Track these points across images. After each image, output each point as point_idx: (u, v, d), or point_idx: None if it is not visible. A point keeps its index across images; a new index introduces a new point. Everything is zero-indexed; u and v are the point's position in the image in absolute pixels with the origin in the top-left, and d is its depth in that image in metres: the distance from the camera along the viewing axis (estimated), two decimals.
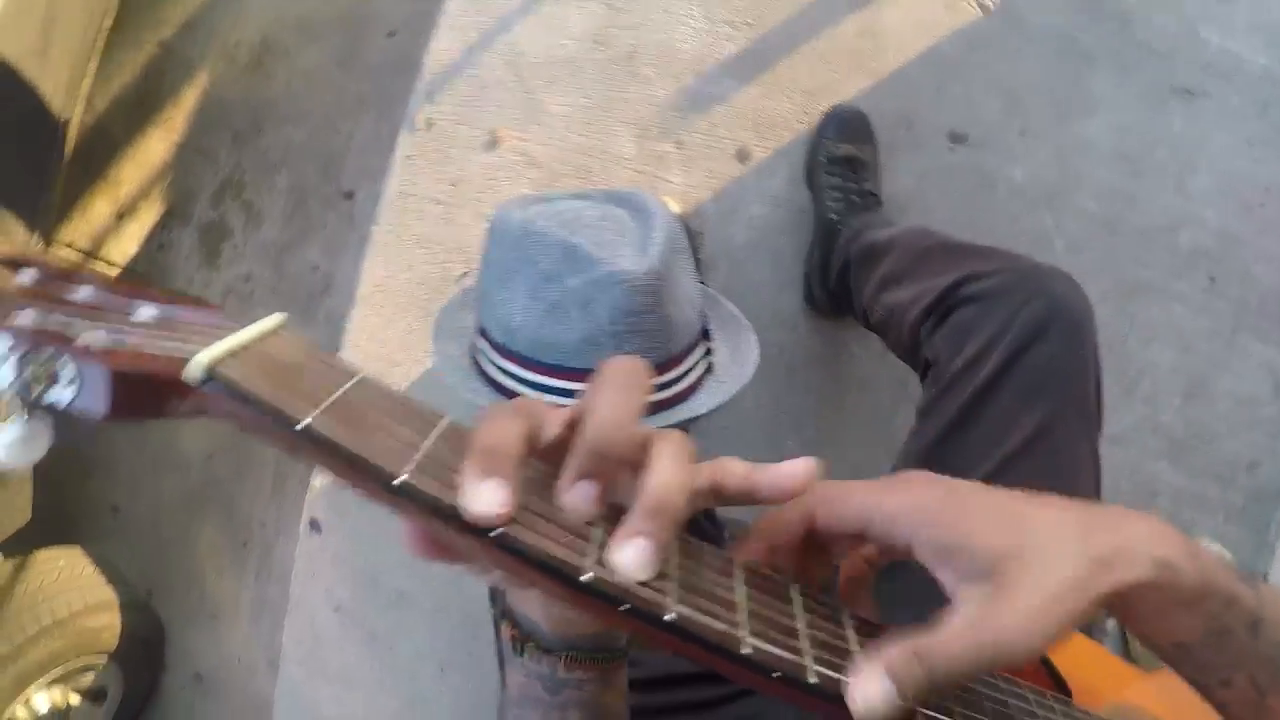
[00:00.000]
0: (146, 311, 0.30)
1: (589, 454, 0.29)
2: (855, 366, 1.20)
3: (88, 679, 1.39)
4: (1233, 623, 0.34)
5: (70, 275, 0.32)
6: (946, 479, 0.35)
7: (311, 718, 1.30)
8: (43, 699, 1.34)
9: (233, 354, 0.28)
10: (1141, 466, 1.25)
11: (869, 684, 0.30)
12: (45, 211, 1.31)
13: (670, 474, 0.30)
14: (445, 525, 0.28)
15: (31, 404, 0.26)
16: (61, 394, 0.26)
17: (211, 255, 1.42)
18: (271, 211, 1.41)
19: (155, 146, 1.47)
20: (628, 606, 0.28)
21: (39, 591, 1.33)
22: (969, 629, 0.31)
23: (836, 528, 0.35)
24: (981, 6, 1.24)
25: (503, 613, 0.40)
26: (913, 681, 0.30)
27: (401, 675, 1.28)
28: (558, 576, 0.28)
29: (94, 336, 0.27)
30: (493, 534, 0.27)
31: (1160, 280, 1.25)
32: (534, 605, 0.38)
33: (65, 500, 1.45)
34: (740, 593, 0.31)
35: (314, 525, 1.26)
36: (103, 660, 1.38)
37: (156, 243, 1.44)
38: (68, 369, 0.26)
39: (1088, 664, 0.58)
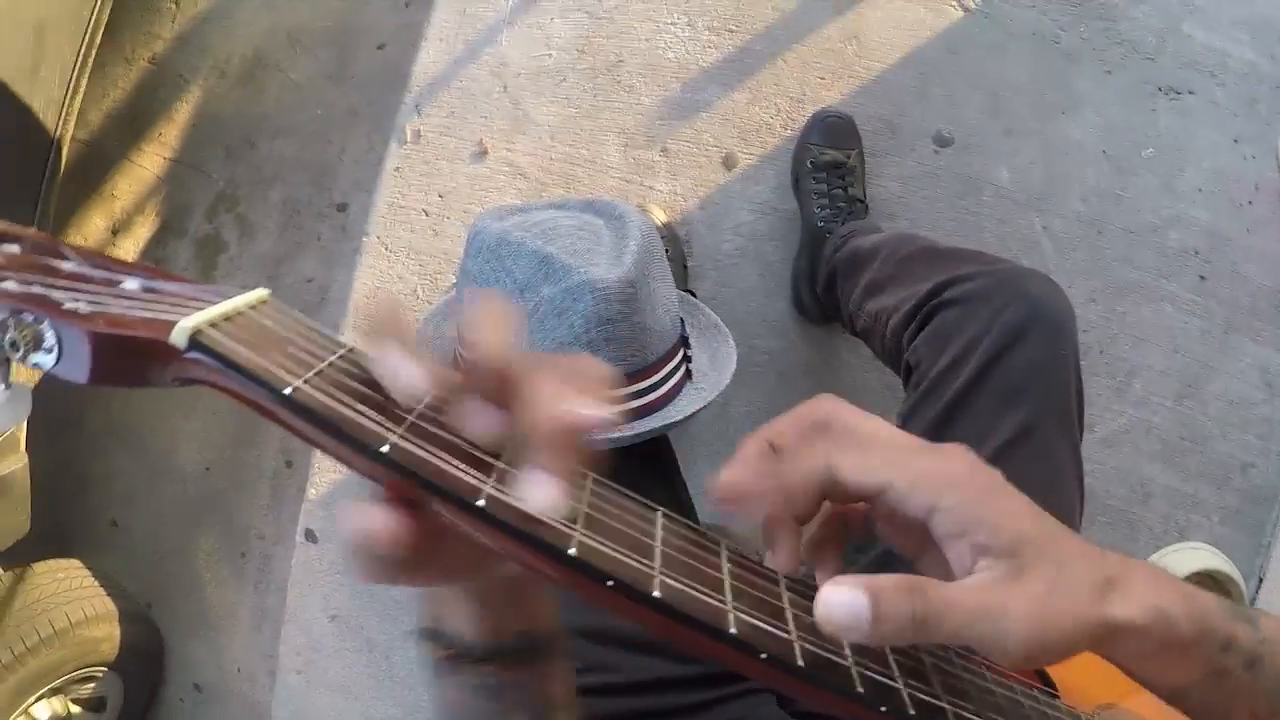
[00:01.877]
0: (132, 283, 0.30)
1: (477, 373, 0.29)
2: (846, 373, 1.20)
3: (88, 689, 1.40)
4: (1230, 664, 0.34)
5: (56, 249, 0.32)
6: (979, 459, 0.34)
7: None
8: (43, 709, 1.35)
9: (218, 321, 0.28)
10: (1135, 469, 1.24)
11: (841, 592, 0.29)
12: (40, 228, 1.32)
13: (551, 398, 0.28)
14: (431, 495, 0.27)
15: (11, 370, 0.27)
16: (44, 358, 0.26)
17: (207, 268, 1.44)
18: (266, 224, 1.42)
19: (149, 162, 1.48)
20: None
21: (38, 603, 1.34)
22: (979, 593, 0.30)
23: (858, 488, 0.33)
24: (963, 7, 1.24)
25: (428, 636, 0.38)
26: (894, 613, 0.29)
27: (398, 683, 1.28)
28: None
29: (77, 303, 0.27)
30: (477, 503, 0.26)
31: (1150, 280, 1.25)
32: (461, 615, 0.37)
33: (64, 514, 1.47)
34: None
35: (310, 535, 1.27)
36: (103, 671, 1.39)
37: (152, 257, 1.46)
38: (50, 334, 0.26)
39: (1077, 664, 0.58)
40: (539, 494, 0.27)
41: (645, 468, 0.85)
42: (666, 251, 1.16)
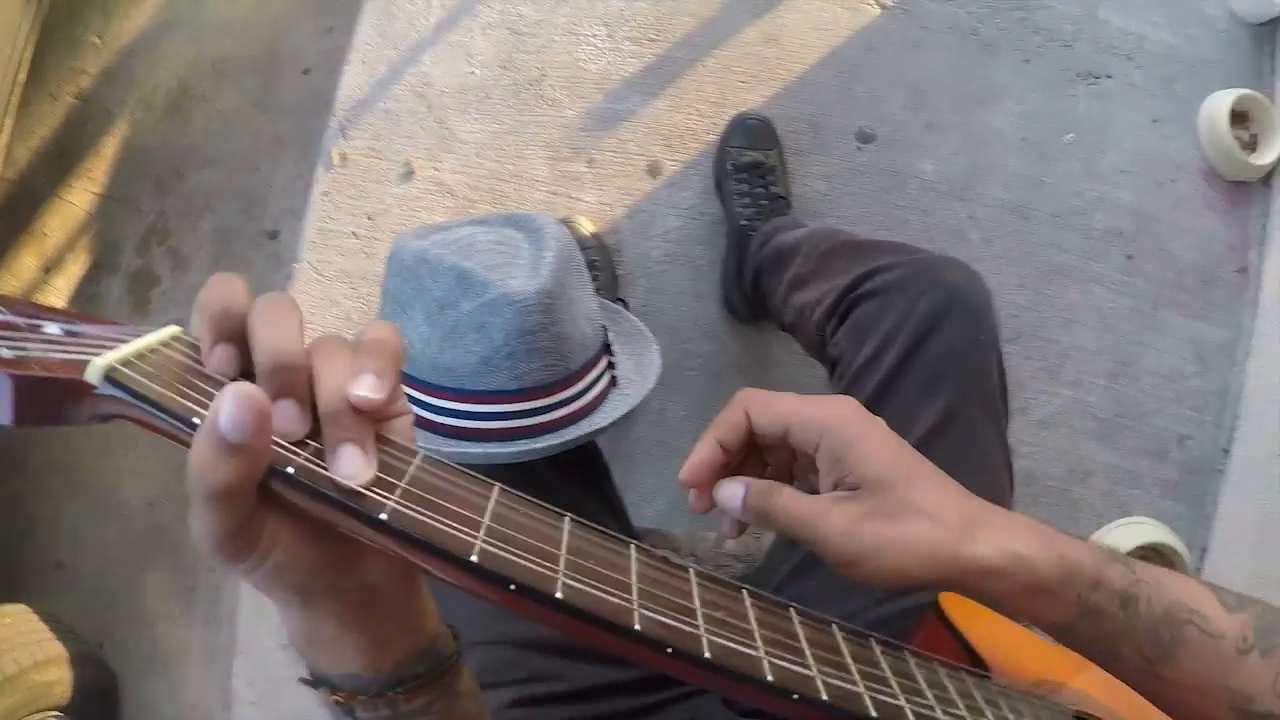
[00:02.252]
0: (53, 328, 0.32)
1: (270, 375, 0.30)
2: (779, 371, 1.21)
3: None
4: (1102, 603, 0.37)
5: None
6: (869, 412, 0.41)
7: None
8: None
9: (131, 359, 0.30)
10: (1072, 449, 1.26)
11: (734, 485, 0.41)
12: None
13: (332, 378, 0.31)
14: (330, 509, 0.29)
15: None
16: None
17: (141, 303, 1.42)
18: (197, 255, 1.41)
19: (78, 198, 1.46)
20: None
21: None
22: (808, 504, 0.38)
23: (765, 426, 0.41)
24: (880, 4, 1.26)
25: (314, 682, 0.37)
26: (754, 504, 0.40)
27: None
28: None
29: None
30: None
31: (1077, 263, 1.27)
32: (341, 652, 0.36)
33: (8, 558, 1.44)
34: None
35: None
36: (56, 715, 1.36)
37: (85, 294, 1.44)
38: None
39: (1011, 644, 0.58)
40: (341, 465, 0.30)
41: (574, 476, 0.85)
42: (595, 262, 1.16)
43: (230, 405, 0.27)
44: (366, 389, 0.31)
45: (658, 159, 1.22)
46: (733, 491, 0.41)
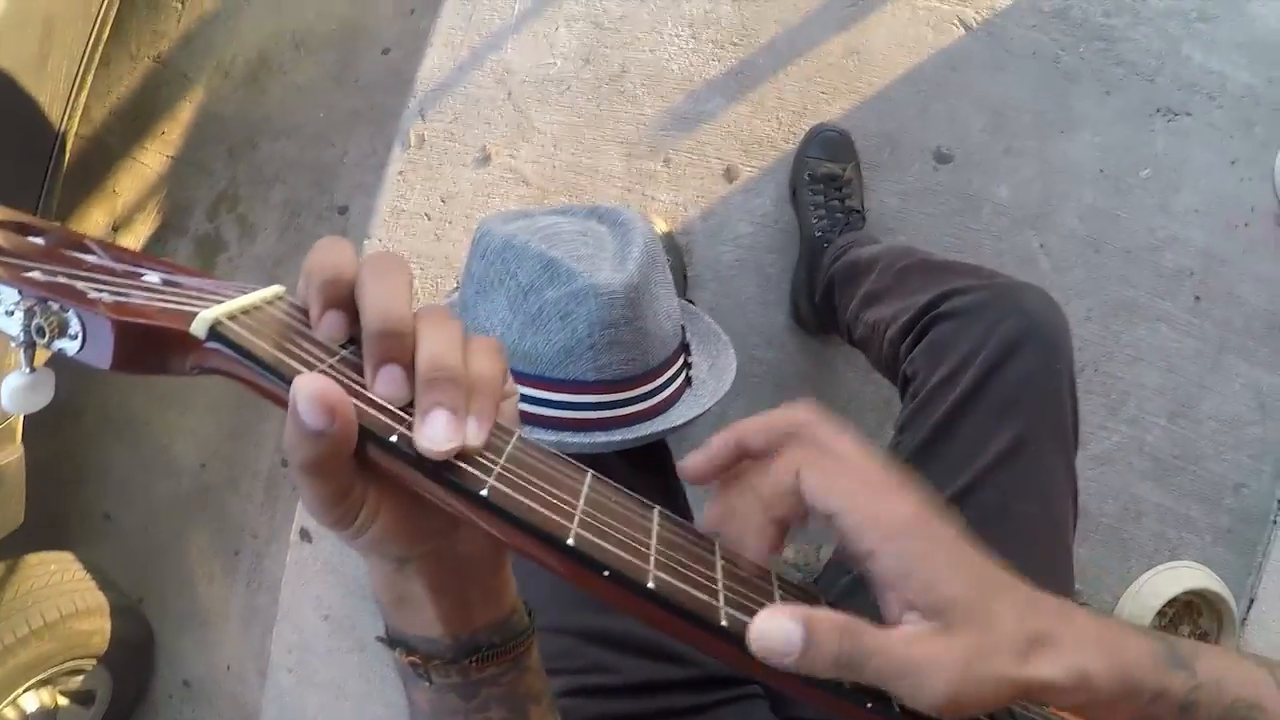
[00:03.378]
0: (153, 277, 0.31)
1: (377, 340, 0.30)
2: (841, 384, 1.21)
3: (76, 682, 1.40)
4: (1161, 712, 0.35)
5: (80, 243, 0.33)
6: (935, 506, 0.35)
7: None
8: (31, 700, 1.35)
9: (235, 314, 0.30)
10: (1126, 487, 1.25)
11: (779, 621, 0.30)
12: None
13: (434, 342, 0.31)
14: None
15: (36, 355, 0.28)
16: (68, 344, 0.27)
17: (207, 267, 1.44)
18: (266, 225, 1.43)
19: (151, 159, 1.49)
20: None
21: (30, 594, 1.34)
22: (906, 646, 0.31)
23: (815, 504, 0.34)
24: (965, 26, 1.25)
25: (391, 642, 0.38)
26: (824, 647, 0.30)
27: (389, 684, 1.29)
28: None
29: (101, 293, 0.28)
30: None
31: (1145, 300, 1.26)
32: (425, 616, 0.36)
33: (58, 506, 1.47)
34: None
35: (304, 534, 1.28)
36: (92, 664, 1.39)
37: (152, 254, 1.46)
38: (74, 322, 0.27)
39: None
40: (427, 428, 0.29)
41: (642, 470, 0.85)
42: (668, 261, 1.17)
43: (303, 402, 0.27)
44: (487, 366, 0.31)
45: (734, 163, 1.22)
46: (787, 631, 0.30)
